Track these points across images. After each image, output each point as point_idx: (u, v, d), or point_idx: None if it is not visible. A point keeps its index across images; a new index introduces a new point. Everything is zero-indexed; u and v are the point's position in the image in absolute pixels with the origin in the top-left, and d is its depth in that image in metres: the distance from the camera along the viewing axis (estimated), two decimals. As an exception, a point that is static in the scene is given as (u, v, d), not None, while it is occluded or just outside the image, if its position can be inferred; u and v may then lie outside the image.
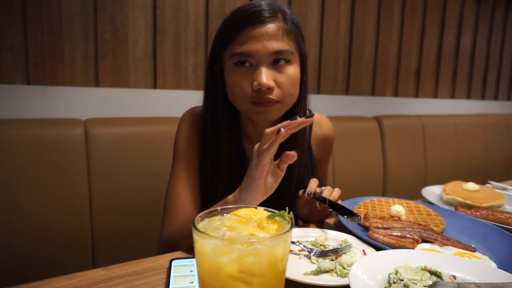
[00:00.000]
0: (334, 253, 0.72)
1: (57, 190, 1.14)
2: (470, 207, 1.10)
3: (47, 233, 1.13)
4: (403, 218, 0.95)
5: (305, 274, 0.65)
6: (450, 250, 0.75)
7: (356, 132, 1.89)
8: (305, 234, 0.82)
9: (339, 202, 0.89)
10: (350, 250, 0.73)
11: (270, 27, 0.77)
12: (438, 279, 0.59)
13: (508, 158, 2.70)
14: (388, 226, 0.84)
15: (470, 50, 2.76)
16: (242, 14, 0.79)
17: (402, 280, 0.57)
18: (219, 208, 0.49)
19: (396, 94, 2.39)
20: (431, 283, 0.56)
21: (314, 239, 0.79)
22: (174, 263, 0.67)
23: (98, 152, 1.21)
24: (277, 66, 0.79)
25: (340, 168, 1.77)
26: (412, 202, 1.06)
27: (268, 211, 0.47)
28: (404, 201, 1.07)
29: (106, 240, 1.22)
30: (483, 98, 2.96)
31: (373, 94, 2.27)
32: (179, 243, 0.77)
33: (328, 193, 0.89)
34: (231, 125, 0.88)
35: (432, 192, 1.27)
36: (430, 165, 2.19)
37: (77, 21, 1.33)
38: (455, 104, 2.75)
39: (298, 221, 0.99)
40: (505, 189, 1.39)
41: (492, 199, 1.13)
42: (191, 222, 0.43)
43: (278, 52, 0.77)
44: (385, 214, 0.97)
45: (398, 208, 0.96)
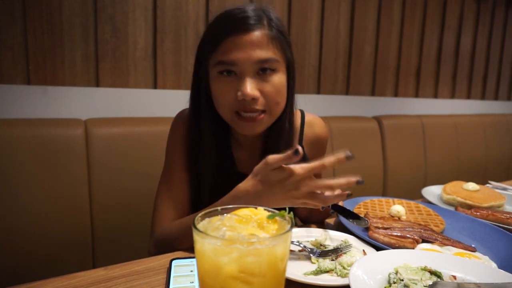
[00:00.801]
0: (334, 253, 0.72)
1: (57, 190, 1.14)
2: (470, 207, 1.10)
3: (47, 233, 1.13)
4: (403, 218, 0.95)
5: (305, 274, 0.65)
6: (450, 250, 0.75)
7: (356, 132, 1.89)
8: (305, 234, 0.82)
9: (340, 203, 0.89)
10: (350, 250, 0.73)
11: (255, 35, 0.75)
12: (438, 279, 0.59)
13: (508, 158, 2.70)
14: (388, 226, 0.84)
15: (470, 50, 2.76)
16: (227, 20, 0.78)
17: (402, 280, 0.57)
18: (219, 208, 0.49)
19: (396, 94, 2.39)
20: (431, 283, 0.56)
21: (314, 239, 0.79)
22: (174, 263, 0.67)
23: (98, 152, 1.21)
24: (262, 75, 0.77)
25: (340, 168, 1.77)
26: (412, 202, 1.06)
27: (268, 211, 0.47)
28: (404, 201, 1.07)
29: (106, 240, 1.22)
30: (483, 98, 2.96)
31: (373, 94, 2.27)
32: (164, 248, 0.76)
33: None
34: (218, 130, 0.87)
35: (432, 192, 1.27)
36: (430, 165, 2.19)
37: (77, 21, 1.33)
38: (455, 104, 2.75)
39: (297, 220, 0.99)
40: (505, 189, 1.39)
41: (492, 199, 1.13)
42: (170, 230, 0.43)
43: (263, 60, 0.76)
44: (385, 214, 0.98)
45: (398, 208, 0.96)
